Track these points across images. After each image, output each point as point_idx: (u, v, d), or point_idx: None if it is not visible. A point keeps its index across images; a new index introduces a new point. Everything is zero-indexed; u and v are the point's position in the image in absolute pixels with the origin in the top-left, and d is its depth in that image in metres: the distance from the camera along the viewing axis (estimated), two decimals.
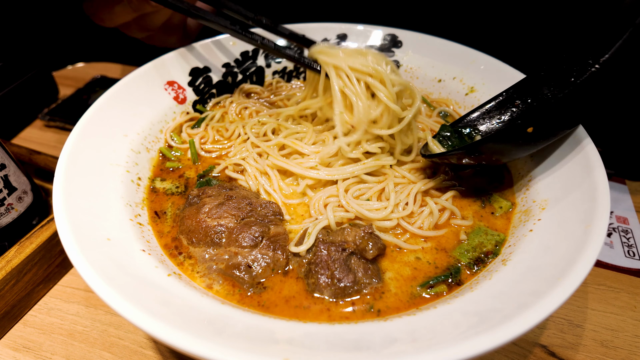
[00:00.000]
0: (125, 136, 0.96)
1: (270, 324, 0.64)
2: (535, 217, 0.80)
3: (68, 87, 1.60)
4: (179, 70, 1.15)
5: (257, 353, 0.53)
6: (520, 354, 0.80)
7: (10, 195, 0.87)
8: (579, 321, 0.85)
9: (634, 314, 0.87)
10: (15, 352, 0.81)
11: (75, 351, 0.81)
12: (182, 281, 0.71)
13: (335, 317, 0.70)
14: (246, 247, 0.78)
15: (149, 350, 0.81)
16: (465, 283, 0.75)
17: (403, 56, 1.26)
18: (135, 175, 0.93)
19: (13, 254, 0.84)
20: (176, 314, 0.60)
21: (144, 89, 1.07)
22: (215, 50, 1.21)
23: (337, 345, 0.59)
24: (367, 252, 0.76)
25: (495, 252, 0.80)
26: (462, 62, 1.18)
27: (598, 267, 0.96)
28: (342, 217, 0.85)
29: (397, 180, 0.92)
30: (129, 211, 0.83)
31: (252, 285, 0.75)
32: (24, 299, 0.86)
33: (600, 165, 0.79)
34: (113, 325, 0.85)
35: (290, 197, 0.92)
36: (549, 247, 0.70)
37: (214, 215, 0.83)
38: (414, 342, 0.58)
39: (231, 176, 0.97)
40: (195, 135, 1.08)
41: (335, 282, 0.73)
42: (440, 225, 0.87)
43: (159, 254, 0.78)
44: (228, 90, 1.25)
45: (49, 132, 1.43)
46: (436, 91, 1.23)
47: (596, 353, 0.80)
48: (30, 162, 1.10)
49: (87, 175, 0.81)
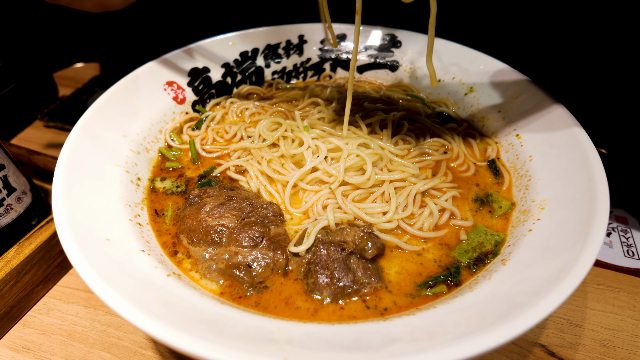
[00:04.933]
0: (125, 136, 0.96)
1: (270, 324, 0.64)
2: (535, 217, 0.80)
3: (67, 87, 1.60)
4: (178, 70, 1.15)
5: (257, 353, 0.53)
6: (519, 354, 0.80)
7: (10, 196, 0.87)
8: (578, 321, 0.85)
9: (634, 313, 0.87)
10: (15, 352, 0.81)
11: (74, 352, 0.81)
12: (181, 281, 0.71)
13: (335, 317, 0.70)
14: (246, 247, 0.78)
15: (149, 351, 0.81)
16: (465, 283, 0.75)
17: (402, 56, 1.26)
18: (135, 175, 0.93)
19: (12, 255, 0.83)
20: (176, 314, 0.60)
21: (143, 89, 1.07)
22: (215, 50, 1.21)
23: (336, 345, 0.59)
24: (366, 251, 0.76)
25: (495, 252, 0.80)
26: (461, 62, 1.18)
27: (597, 266, 0.96)
28: (341, 218, 0.85)
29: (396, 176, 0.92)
30: (129, 211, 0.83)
31: (252, 285, 0.75)
32: (23, 300, 0.86)
33: (600, 165, 0.79)
34: (112, 326, 0.84)
35: (292, 198, 0.92)
36: (548, 247, 0.70)
37: (214, 215, 0.83)
38: (414, 342, 0.58)
39: (232, 177, 0.97)
40: (195, 137, 1.08)
41: (335, 282, 0.73)
42: (441, 225, 0.87)
43: (158, 254, 0.78)
44: (227, 90, 1.25)
45: (48, 132, 1.43)
46: (435, 91, 1.23)
47: (596, 353, 0.80)
48: (30, 162, 1.10)
49: (87, 175, 0.81)
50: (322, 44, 1.30)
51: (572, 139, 0.86)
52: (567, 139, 0.87)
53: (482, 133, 1.10)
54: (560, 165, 0.85)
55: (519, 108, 1.03)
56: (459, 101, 1.18)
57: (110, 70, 1.73)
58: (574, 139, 0.86)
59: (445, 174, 0.97)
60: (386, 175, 0.91)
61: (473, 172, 0.99)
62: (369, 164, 0.90)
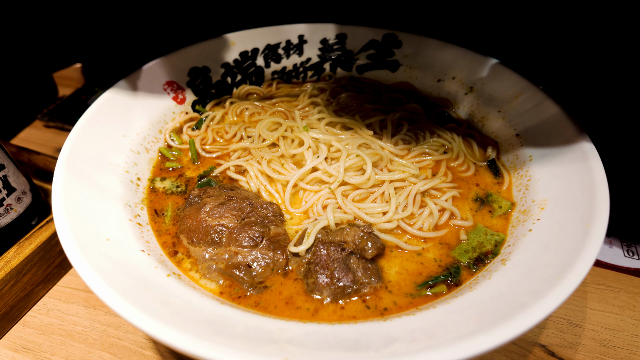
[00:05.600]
0: (125, 136, 0.96)
1: (270, 324, 0.64)
2: (535, 217, 0.80)
3: (67, 87, 1.60)
4: (178, 70, 1.15)
5: (257, 353, 0.53)
6: (519, 354, 0.80)
7: (10, 196, 0.87)
8: (578, 321, 0.85)
9: (633, 313, 0.87)
10: (15, 352, 0.81)
11: (74, 352, 0.81)
12: (181, 281, 0.71)
13: (335, 317, 0.70)
14: (246, 247, 0.78)
15: (149, 351, 0.81)
16: (465, 283, 0.75)
17: (402, 56, 1.26)
18: (135, 175, 0.93)
19: (12, 255, 0.83)
20: (175, 314, 0.60)
21: (143, 89, 1.07)
22: (215, 50, 1.21)
23: (336, 345, 0.59)
24: (366, 251, 0.76)
25: (495, 252, 0.80)
26: (461, 62, 1.18)
27: (597, 266, 0.96)
28: (341, 218, 0.85)
29: (396, 176, 0.92)
30: (128, 211, 0.83)
31: (251, 285, 0.75)
32: (23, 300, 0.86)
33: (600, 164, 0.79)
34: (112, 326, 0.84)
35: (292, 198, 0.92)
36: (548, 247, 0.70)
37: (214, 215, 0.83)
38: (414, 342, 0.58)
39: (232, 177, 0.97)
40: (195, 137, 1.08)
41: (335, 282, 0.73)
42: (441, 225, 0.87)
43: (158, 254, 0.78)
44: (227, 90, 1.25)
45: (48, 132, 1.43)
46: (435, 91, 1.23)
47: (595, 352, 0.80)
48: (30, 162, 1.10)
49: (86, 175, 0.81)
50: (322, 44, 1.30)
51: (571, 139, 0.86)
52: (567, 139, 0.87)
53: (482, 133, 1.10)
54: (560, 165, 0.85)
55: (518, 108, 1.03)
56: (459, 101, 1.18)
57: (110, 70, 1.72)
58: (574, 139, 0.86)
59: (445, 174, 0.97)
60: (386, 175, 0.91)
61: (473, 172, 0.99)
62: (368, 164, 0.90)
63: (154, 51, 1.17)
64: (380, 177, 0.91)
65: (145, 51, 1.25)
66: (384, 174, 0.92)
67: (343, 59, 1.31)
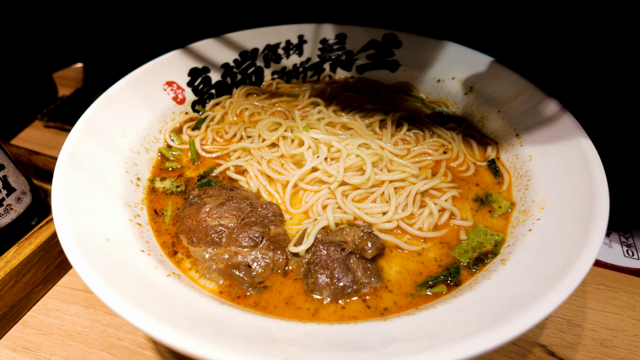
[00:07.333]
0: (124, 136, 0.96)
1: (270, 324, 0.64)
2: (535, 217, 0.80)
3: (67, 87, 1.60)
4: (178, 70, 1.15)
5: (257, 353, 0.53)
6: (519, 354, 0.80)
7: (9, 196, 0.87)
8: (578, 321, 0.85)
9: (633, 313, 0.87)
10: (15, 352, 0.81)
11: (74, 352, 0.81)
12: (181, 281, 0.71)
13: (335, 317, 0.70)
14: (246, 247, 0.78)
15: (148, 351, 0.81)
16: (465, 283, 0.75)
17: (402, 57, 1.26)
18: (135, 175, 0.93)
19: (12, 255, 0.83)
20: (175, 314, 0.60)
21: (143, 89, 1.07)
22: (214, 50, 1.21)
23: (336, 345, 0.59)
24: (366, 251, 0.76)
25: (495, 252, 0.80)
26: (461, 63, 1.18)
27: (597, 266, 0.96)
28: (341, 218, 0.85)
29: (396, 176, 0.92)
30: (128, 211, 0.83)
31: (251, 285, 0.75)
32: (23, 300, 0.86)
33: (600, 165, 0.79)
34: (112, 326, 0.84)
35: (292, 198, 0.92)
36: (548, 247, 0.70)
37: (214, 215, 0.83)
38: (414, 342, 0.58)
39: (232, 177, 0.97)
40: (195, 137, 1.08)
41: (335, 282, 0.73)
42: (440, 225, 0.87)
43: (158, 254, 0.78)
44: (227, 90, 1.25)
45: (48, 132, 1.43)
46: (435, 91, 1.23)
47: (595, 352, 0.80)
48: (29, 162, 1.10)
49: (86, 175, 0.81)
50: (321, 44, 1.30)
51: (571, 138, 0.86)
52: (567, 139, 0.87)
53: (482, 133, 1.10)
54: (560, 165, 0.85)
55: (518, 108, 1.03)
56: (459, 101, 1.18)
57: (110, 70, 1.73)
58: (574, 138, 0.86)
59: (445, 174, 0.97)
60: (386, 176, 0.91)
61: (473, 172, 0.99)
62: (368, 164, 0.90)
63: (154, 51, 1.17)
64: (380, 177, 0.91)
65: (145, 51, 1.25)
66: (383, 174, 0.92)
67: (343, 59, 1.31)
